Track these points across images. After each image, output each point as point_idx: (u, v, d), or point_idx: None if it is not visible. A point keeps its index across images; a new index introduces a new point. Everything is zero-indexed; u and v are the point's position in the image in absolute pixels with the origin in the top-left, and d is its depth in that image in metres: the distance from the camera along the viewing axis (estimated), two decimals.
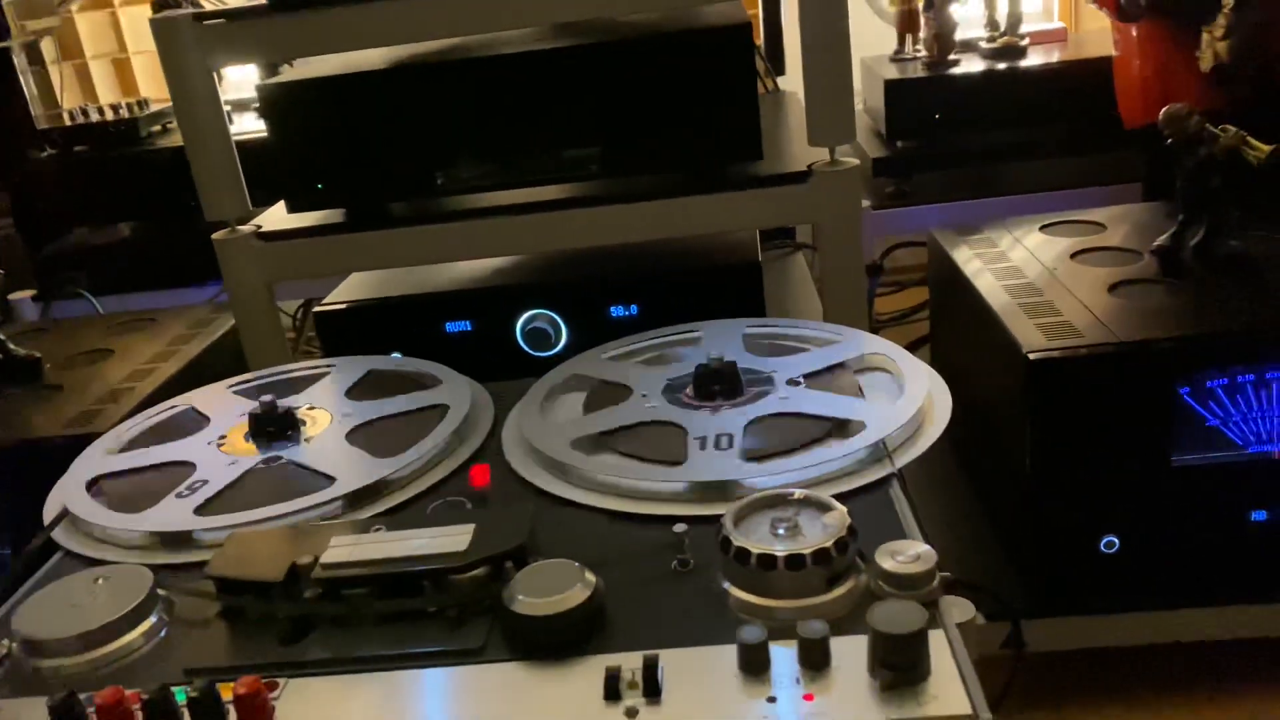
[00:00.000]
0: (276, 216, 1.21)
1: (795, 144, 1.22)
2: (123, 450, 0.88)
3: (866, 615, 0.52)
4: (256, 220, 1.20)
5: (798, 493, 0.63)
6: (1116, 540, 1.07)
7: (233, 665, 0.59)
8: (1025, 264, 1.28)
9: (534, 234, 1.14)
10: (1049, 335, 1.07)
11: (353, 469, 0.78)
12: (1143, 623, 1.09)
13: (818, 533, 0.60)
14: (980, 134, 1.81)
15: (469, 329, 1.19)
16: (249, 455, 0.84)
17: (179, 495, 0.79)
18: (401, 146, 1.12)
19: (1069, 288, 1.19)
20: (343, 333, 1.18)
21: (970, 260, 1.32)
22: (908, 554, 0.58)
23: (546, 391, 0.87)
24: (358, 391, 0.93)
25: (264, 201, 1.26)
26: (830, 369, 0.85)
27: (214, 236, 1.15)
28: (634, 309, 1.16)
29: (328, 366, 1.00)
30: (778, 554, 0.57)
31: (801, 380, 0.83)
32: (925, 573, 0.57)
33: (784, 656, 0.54)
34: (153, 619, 0.64)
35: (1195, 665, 1.18)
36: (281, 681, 0.57)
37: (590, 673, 0.55)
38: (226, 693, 0.56)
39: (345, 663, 0.58)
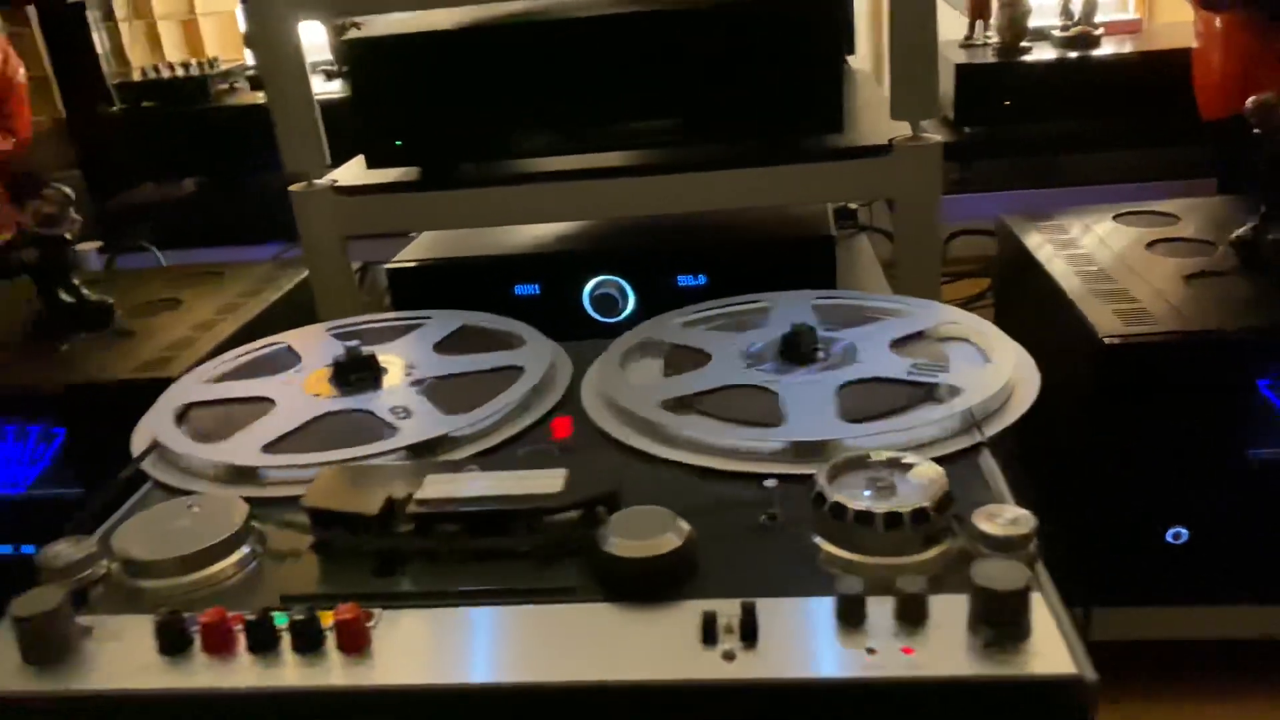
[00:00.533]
0: (351, 173, 1.22)
1: (870, 118, 1.21)
2: (215, 381, 0.89)
3: (969, 572, 0.52)
4: (332, 175, 1.21)
5: (892, 454, 0.63)
6: (1185, 532, 1.06)
7: (328, 594, 0.60)
8: (1098, 251, 1.26)
9: (607, 199, 1.14)
10: (1125, 321, 1.06)
11: (418, 421, 0.79)
12: (1207, 616, 1.08)
13: (913, 493, 0.60)
14: (1048, 123, 1.79)
15: (537, 292, 1.19)
16: (327, 398, 0.85)
17: (252, 431, 0.80)
18: (481, 107, 1.12)
19: (1144, 276, 1.17)
20: (415, 290, 1.19)
21: (1042, 245, 1.31)
22: (1006, 517, 0.57)
23: (623, 353, 0.87)
24: (446, 345, 0.94)
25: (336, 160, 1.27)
26: (912, 337, 0.84)
27: (292, 189, 1.17)
28: (702, 279, 1.16)
29: (424, 318, 1.00)
30: (876, 511, 0.57)
31: (887, 347, 0.82)
32: (1024, 535, 0.56)
33: (880, 611, 0.54)
34: (245, 549, 0.65)
35: (1256, 661, 1.16)
36: (376, 612, 0.58)
37: (684, 617, 0.56)
38: (324, 620, 0.56)
39: (439, 596, 0.59)
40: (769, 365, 0.83)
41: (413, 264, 1.20)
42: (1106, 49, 1.79)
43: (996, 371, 0.76)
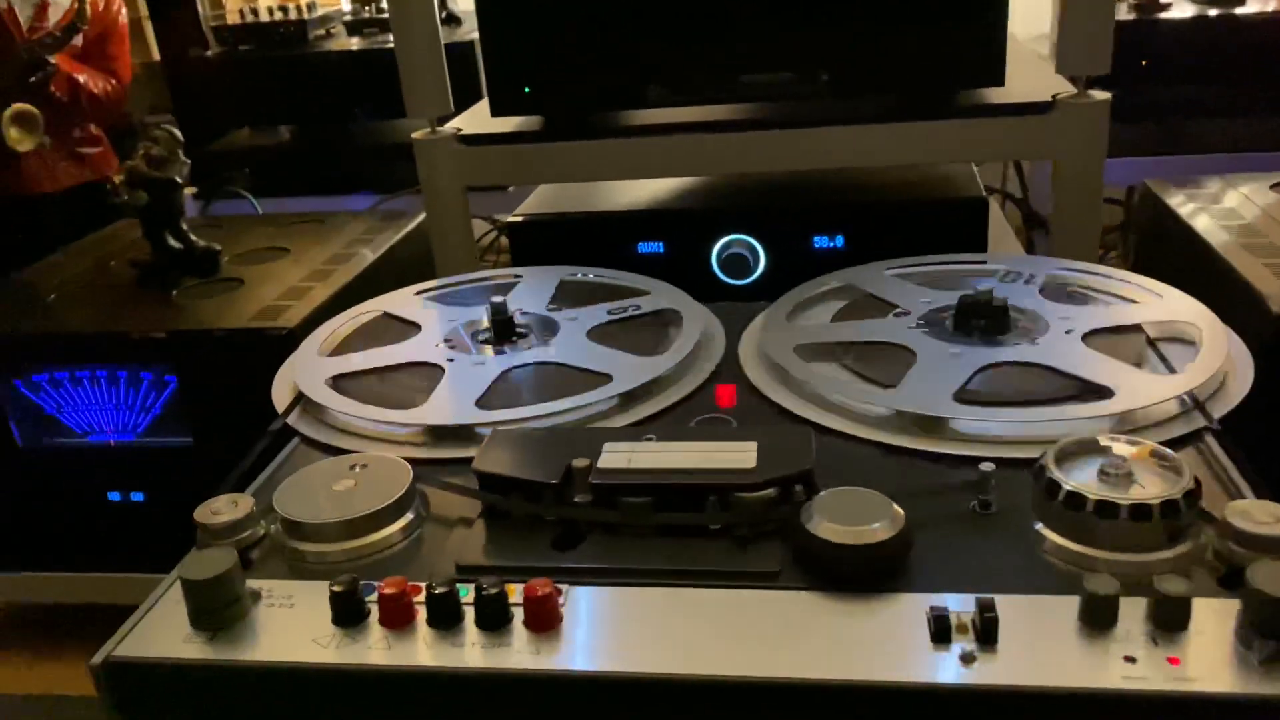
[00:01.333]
0: (473, 120, 1.18)
1: (1025, 73, 1.13)
2: (334, 353, 0.85)
3: (1248, 575, 0.46)
4: (454, 123, 1.16)
5: (1124, 440, 0.57)
6: None
7: (507, 565, 0.56)
8: (1260, 222, 1.18)
9: (741, 153, 1.08)
10: None
11: (623, 369, 0.75)
12: None
13: (1154, 482, 0.54)
14: (1187, 85, 1.69)
15: (661, 251, 1.14)
16: (492, 357, 0.80)
17: (451, 390, 0.76)
18: (612, 54, 1.06)
19: None
20: (535, 245, 1.14)
21: (1196, 214, 1.22)
22: (1265, 513, 0.51)
23: (805, 297, 0.84)
24: (558, 301, 0.90)
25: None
26: (1123, 329, 0.77)
27: (414, 136, 1.12)
28: (839, 240, 1.10)
29: (514, 277, 0.96)
30: (1120, 502, 0.52)
31: (1080, 335, 0.75)
32: None
33: (1130, 614, 0.49)
34: (411, 514, 0.61)
35: None
36: (564, 588, 0.54)
37: (905, 611, 0.51)
38: (508, 594, 0.52)
39: (629, 574, 0.54)
40: (939, 329, 0.77)
41: (535, 218, 1.15)
42: (1252, 6, 1.68)
43: (1175, 383, 0.68)
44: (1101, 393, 0.68)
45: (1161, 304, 0.82)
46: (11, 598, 1.38)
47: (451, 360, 0.80)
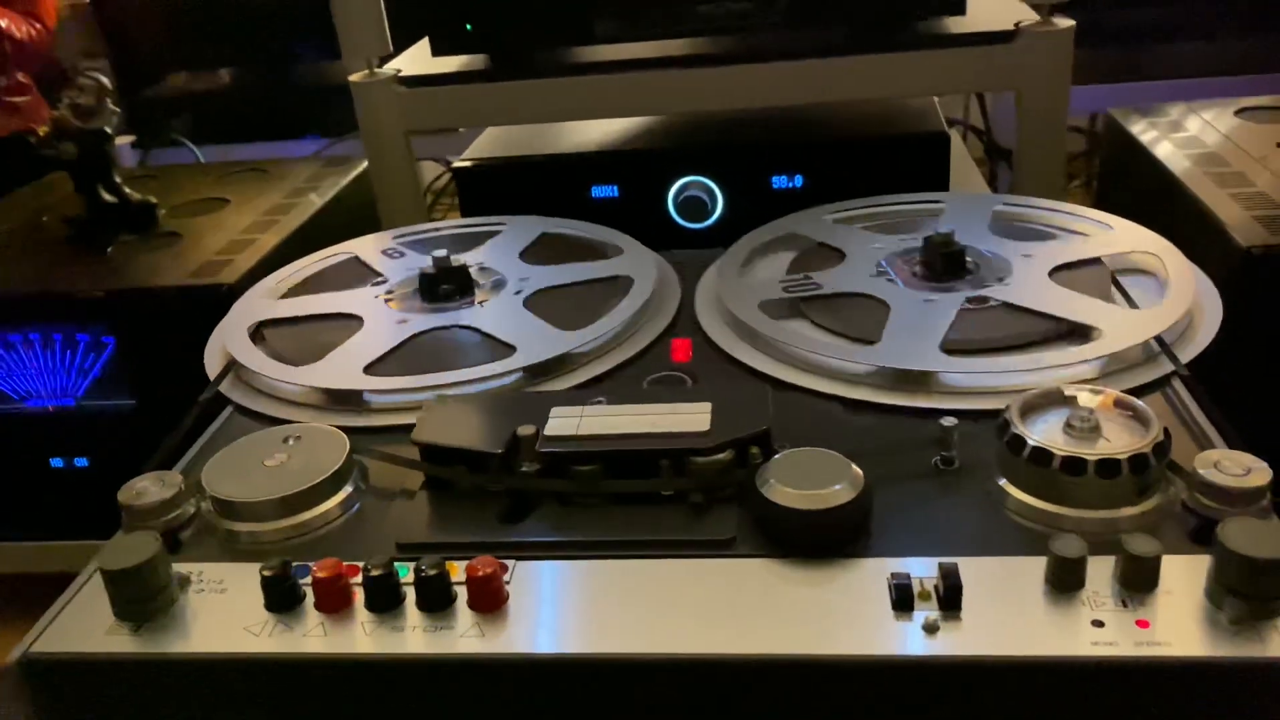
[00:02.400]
0: (414, 61, 1.12)
1: (989, 2, 1.09)
2: (285, 296, 0.81)
3: (1218, 532, 0.44)
4: (394, 64, 1.11)
5: (1089, 390, 0.55)
6: None
7: (450, 542, 0.53)
8: (1225, 150, 1.15)
9: (695, 90, 1.04)
10: (1269, 228, 0.96)
11: (532, 339, 0.71)
12: None
13: (1121, 434, 0.52)
14: (1152, 7, 1.65)
15: (616, 195, 1.10)
16: (420, 314, 0.77)
17: (347, 351, 0.72)
18: None
19: None
20: (483, 190, 1.10)
21: (1159, 142, 1.19)
22: (1235, 465, 0.49)
23: (753, 249, 0.79)
24: (532, 255, 0.86)
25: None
26: (1084, 263, 0.75)
27: (351, 78, 1.07)
28: (798, 180, 1.07)
29: (498, 225, 0.92)
30: (1087, 458, 0.50)
31: (1046, 272, 0.73)
32: (1259, 488, 0.49)
33: (1097, 575, 0.47)
34: (349, 488, 0.58)
35: None
36: (510, 563, 0.51)
37: (866, 577, 0.48)
38: (451, 572, 0.50)
39: (580, 546, 0.52)
40: (902, 276, 0.74)
41: (482, 162, 1.10)
42: None
43: (1155, 318, 0.66)
44: (1085, 332, 0.66)
45: (1115, 236, 0.80)
46: None
47: (376, 315, 0.77)
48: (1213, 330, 0.66)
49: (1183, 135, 1.21)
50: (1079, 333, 0.67)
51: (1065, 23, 0.97)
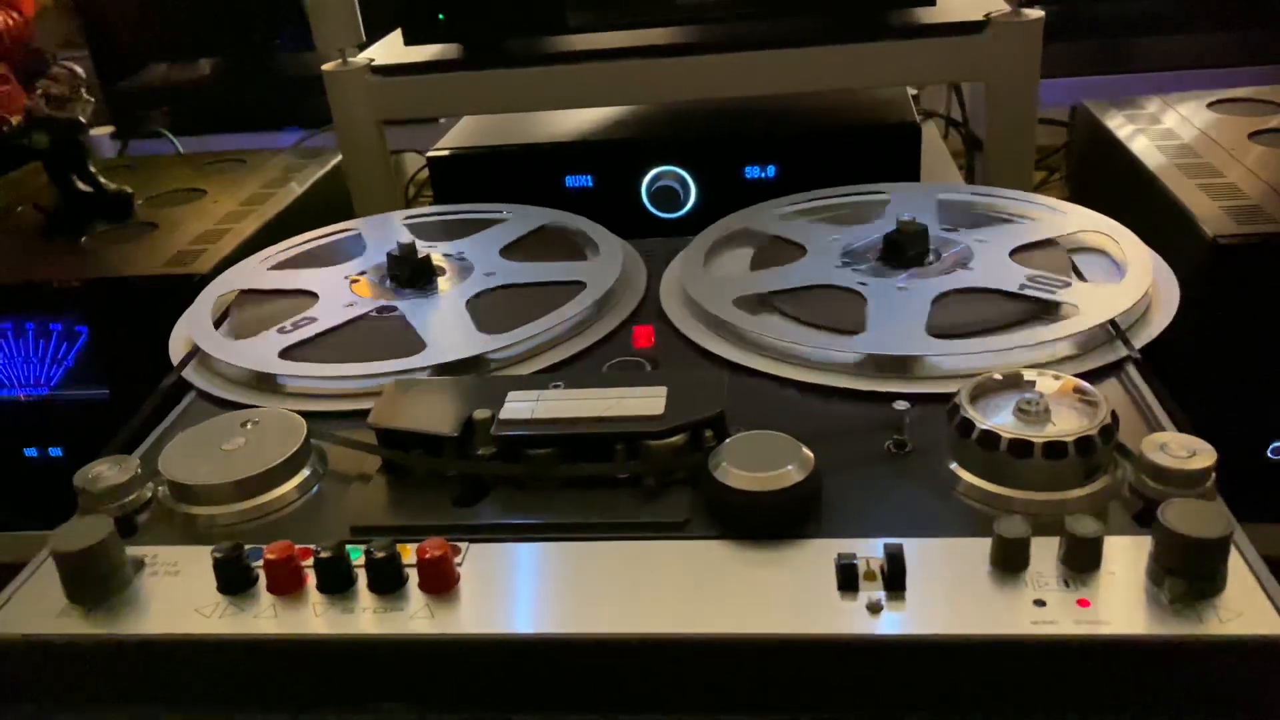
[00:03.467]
0: (387, 50, 1.12)
1: None
2: (275, 268, 0.82)
3: (1159, 513, 0.45)
4: (367, 54, 1.11)
5: (1041, 373, 0.55)
6: None
7: (404, 525, 0.53)
8: (1198, 142, 1.16)
9: (668, 80, 1.04)
10: (1237, 219, 0.97)
11: (450, 338, 0.71)
12: None
13: (1070, 417, 0.52)
14: (1128, 2, 1.66)
15: (590, 184, 1.10)
16: (372, 298, 0.77)
17: (281, 331, 0.73)
18: None
19: (1251, 169, 1.07)
20: (457, 179, 1.10)
21: (1132, 135, 1.20)
22: (1181, 448, 0.50)
23: (710, 244, 0.79)
24: (516, 248, 0.86)
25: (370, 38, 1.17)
26: (1040, 244, 0.75)
27: (324, 68, 1.07)
28: (771, 170, 1.07)
29: (503, 214, 0.92)
30: (1034, 440, 0.50)
31: (1006, 255, 0.73)
32: (1204, 470, 0.49)
33: (1041, 555, 0.47)
34: (306, 471, 0.58)
35: None
36: (463, 546, 0.51)
37: (813, 558, 0.49)
38: (403, 555, 0.50)
39: (533, 529, 0.52)
40: (867, 266, 0.75)
41: (455, 151, 1.10)
42: None
43: (1130, 288, 0.68)
44: (1056, 309, 0.67)
45: (1066, 219, 0.81)
46: None
47: (334, 295, 0.78)
48: (1169, 315, 0.66)
49: (1156, 128, 1.22)
50: (1050, 311, 0.68)
51: (1035, 14, 0.98)
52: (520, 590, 0.49)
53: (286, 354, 0.71)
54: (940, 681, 0.45)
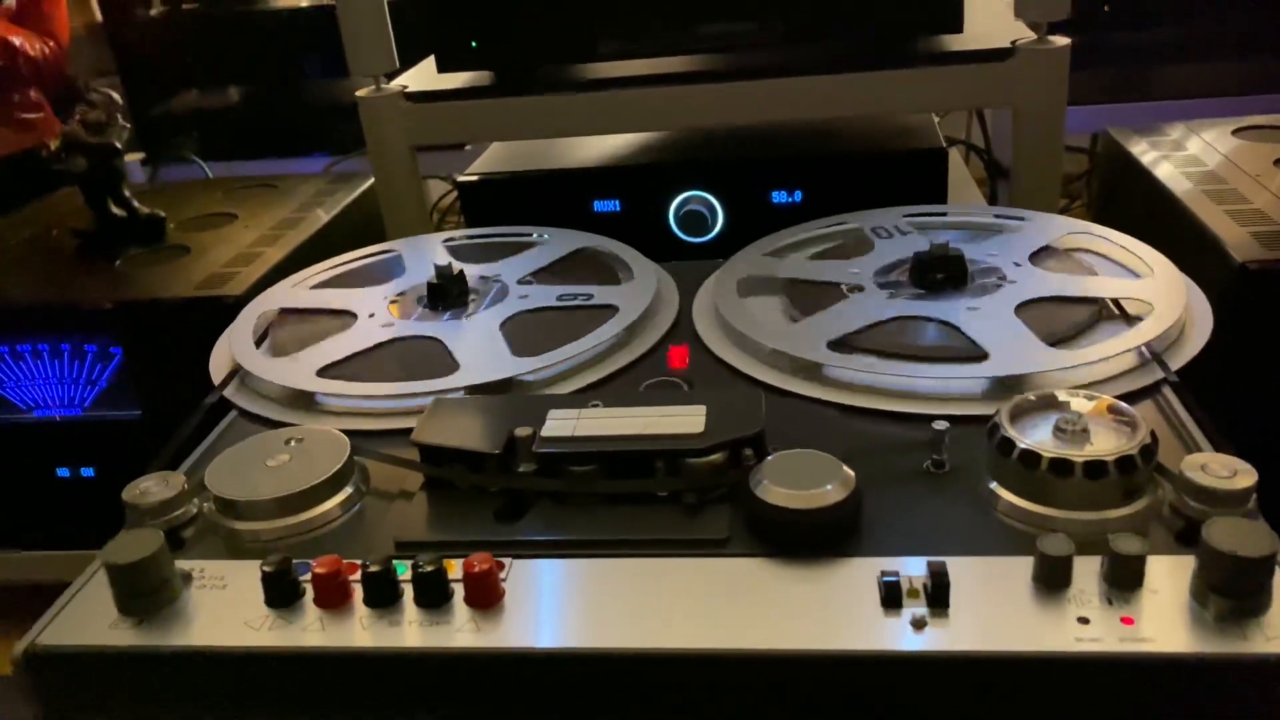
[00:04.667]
0: (420, 77, 1.14)
1: (984, 19, 1.11)
2: (314, 287, 0.85)
3: (1203, 531, 0.45)
4: (400, 80, 1.12)
5: (1078, 394, 0.56)
6: None
7: (448, 540, 0.54)
8: (1222, 168, 1.16)
9: (696, 107, 1.05)
10: (1265, 245, 0.97)
11: (484, 360, 0.72)
12: None
13: (1109, 437, 0.53)
14: (1153, 29, 1.66)
15: (618, 209, 1.11)
16: (409, 320, 0.78)
17: (320, 350, 0.75)
18: (562, 5, 1.03)
19: (1278, 195, 1.07)
20: (487, 204, 1.11)
21: (1158, 162, 1.21)
22: (1222, 468, 0.50)
23: (735, 287, 0.79)
24: (552, 270, 0.86)
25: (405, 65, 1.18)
26: (1042, 251, 0.76)
27: (359, 94, 1.08)
28: (798, 195, 1.08)
29: (541, 237, 0.93)
30: (1074, 459, 0.50)
31: (1026, 263, 0.74)
32: (1245, 490, 0.49)
33: (1084, 574, 0.48)
34: (349, 488, 0.59)
35: None
36: (507, 561, 0.52)
37: (856, 576, 0.49)
38: (448, 570, 0.51)
39: (575, 545, 0.53)
40: (912, 293, 0.75)
41: (486, 177, 1.12)
42: None
43: (1168, 295, 0.68)
44: (1128, 308, 0.70)
45: (1050, 223, 0.84)
46: None
47: (372, 316, 0.79)
48: (1204, 338, 0.67)
49: (1181, 154, 1.22)
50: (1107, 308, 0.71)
51: (1061, 41, 0.99)
52: (563, 605, 0.50)
53: (324, 373, 0.72)
54: (985, 698, 0.45)
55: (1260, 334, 0.95)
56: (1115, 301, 0.73)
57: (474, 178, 1.11)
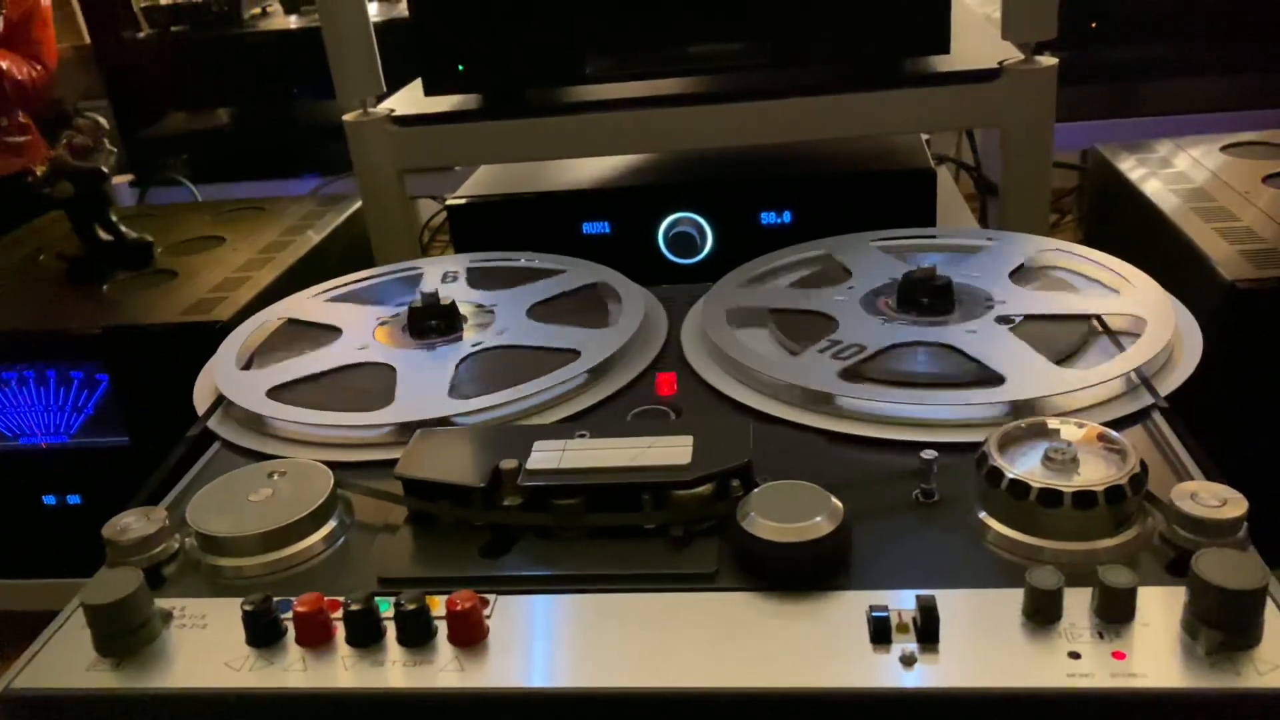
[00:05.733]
0: (407, 101, 1.14)
1: (971, 41, 1.11)
2: (328, 300, 0.87)
3: (1193, 563, 0.45)
4: (387, 104, 1.12)
5: (1066, 421, 0.55)
6: None
7: (432, 576, 0.53)
8: (1211, 186, 1.17)
9: (684, 129, 1.05)
10: (1255, 263, 0.97)
11: (420, 397, 0.70)
12: None
13: (1098, 466, 0.52)
14: (1139, 46, 1.67)
15: (607, 231, 1.11)
16: (381, 345, 0.79)
17: (284, 367, 0.75)
18: (548, 27, 1.03)
19: (1266, 211, 1.08)
20: (476, 227, 1.11)
21: (1146, 178, 1.21)
22: (1212, 497, 0.50)
23: (724, 315, 0.78)
24: (547, 305, 0.85)
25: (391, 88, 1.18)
26: (1018, 271, 0.77)
27: (345, 118, 1.08)
28: (787, 216, 1.08)
29: (560, 268, 0.91)
30: (1063, 490, 0.50)
31: (1007, 282, 0.74)
32: (1235, 519, 0.49)
33: (1074, 606, 0.47)
34: (333, 522, 0.58)
35: None
36: (491, 598, 0.51)
37: (844, 610, 0.49)
38: (432, 606, 0.50)
39: (561, 581, 0.52)
40: (906, 317, 0.74)
41: (475, 200, 1.12)
42: None
43: (1157, 319, 0.68)
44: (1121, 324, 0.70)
45: (1021, 243, 0.85)
46: None
47: (350, 336, 0.80)
48: (1194, 362, 0.66)
49: (1169, 171, 1.22)
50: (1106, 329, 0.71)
51: (1048, 61, 0.99)
52: (549, 643, 0.49)
53: (273, 393, 0.72)
54: None
55: (1251, 353, 0.95)
56: (1099, 319, 0.72)
57: (463, 200, 1.11)
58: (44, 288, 1.26)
